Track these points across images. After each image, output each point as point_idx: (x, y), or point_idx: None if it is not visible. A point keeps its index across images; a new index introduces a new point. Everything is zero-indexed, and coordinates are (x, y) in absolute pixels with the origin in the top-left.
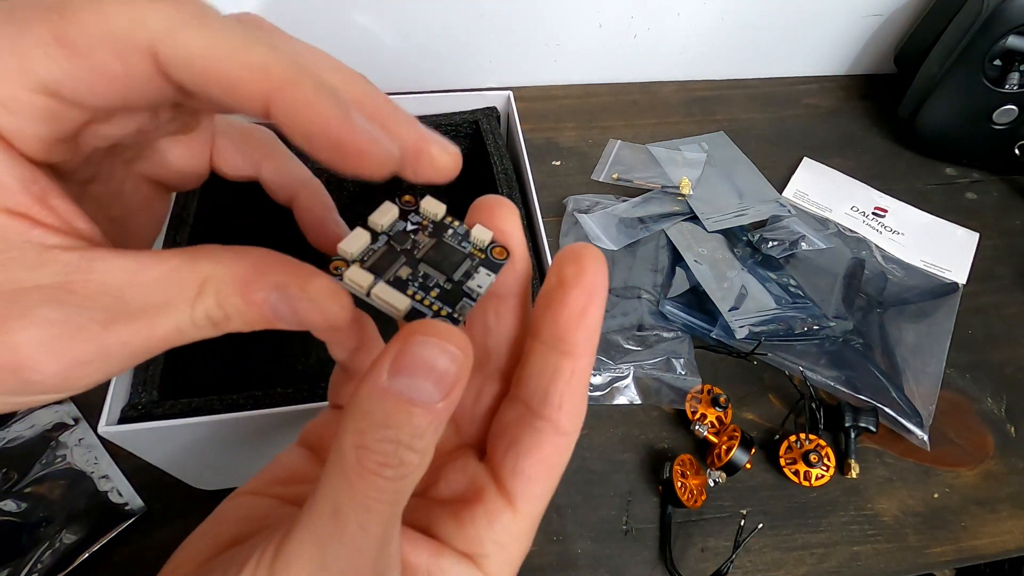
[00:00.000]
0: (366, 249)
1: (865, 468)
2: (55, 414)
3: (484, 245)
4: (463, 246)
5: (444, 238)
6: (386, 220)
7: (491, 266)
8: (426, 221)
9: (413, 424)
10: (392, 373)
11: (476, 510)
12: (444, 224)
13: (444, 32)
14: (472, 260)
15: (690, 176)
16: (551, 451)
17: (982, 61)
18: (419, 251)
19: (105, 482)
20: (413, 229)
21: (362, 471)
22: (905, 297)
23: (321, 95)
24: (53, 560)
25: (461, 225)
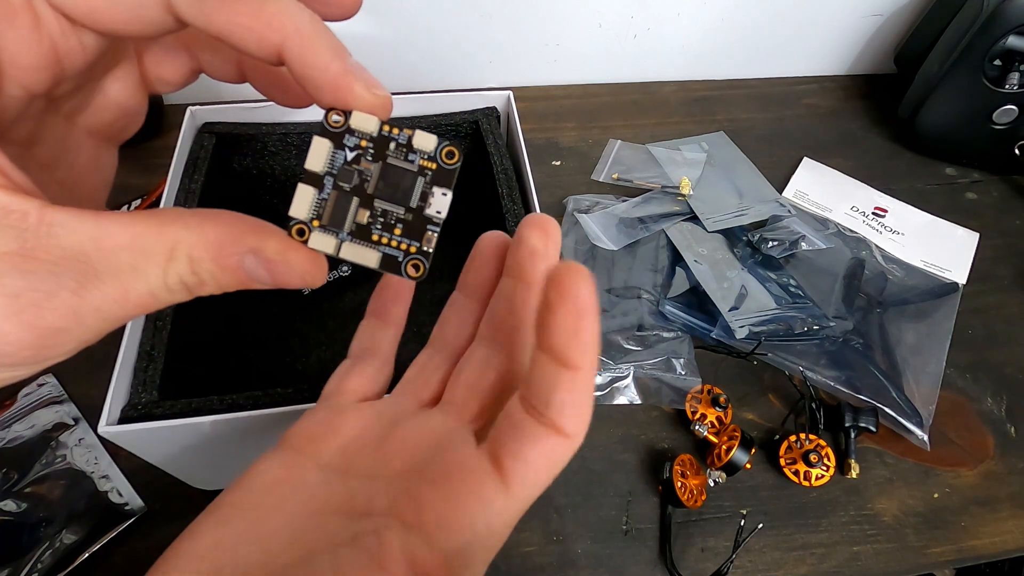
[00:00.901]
0: (316, 202)
1: (865, 468)
2: (55, 414)
3: (430, 151)
4: (411, 160)
5: (389, 158)
6: (322, 160)
7: (444, 178)
8: (364, 141)
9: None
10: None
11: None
12: (384, 138)
13: (444, 32)
14: (424, 176)
15: (690, 176)
16: (554, 445)
17: (982, 61)
18: (369, 184)
19: (105, 482)
20: (354, 157)
21: None
22: (905, 297)
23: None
24: (53, 560)
25: (401, 132)
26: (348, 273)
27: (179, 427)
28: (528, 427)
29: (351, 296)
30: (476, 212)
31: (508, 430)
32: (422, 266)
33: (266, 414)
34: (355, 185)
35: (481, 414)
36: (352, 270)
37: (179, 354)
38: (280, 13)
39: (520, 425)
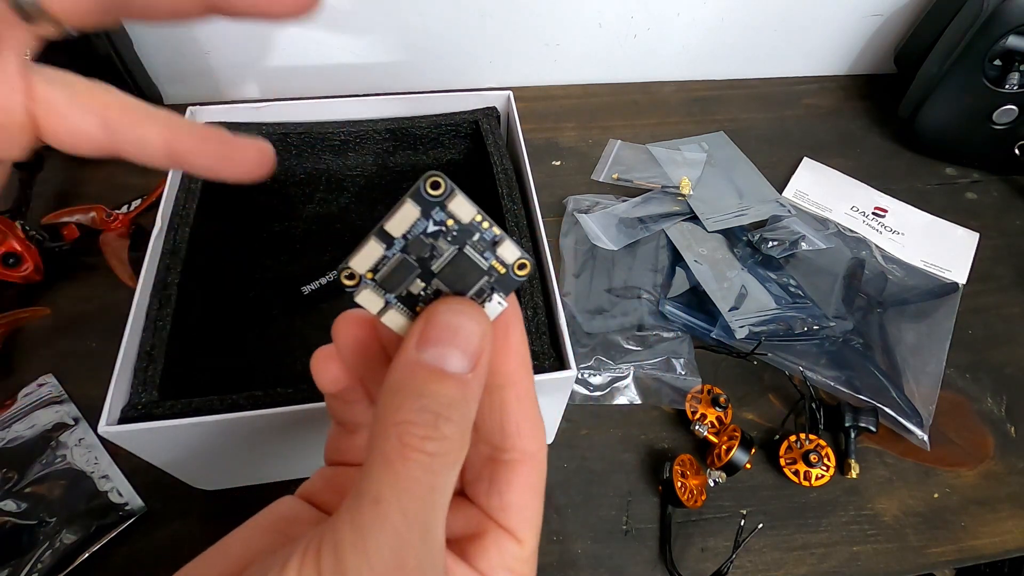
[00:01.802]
0: (380, 259)
1: (865, 468)
2: (55, 414)
3: (509, 263)
4: (486, 257)
5: (466, 247)
6: (404, 227)
7: (506, 285)
8: (451, 222)
9: (447, 394)
10: (420, 346)
11: (486, 543)
12: (471, 228)
13: (444, 32)
14: (490, 276)
15: (690, 176)
16: (527, 474)
17: (982, 61)
18: (436, 263)
19: (105, 482)
20: (434, 232)
21: (403, 449)
22: (905, 297)
23: None
24: (53, 560)
25: (490, 229)
26: None
27: (179, 427)
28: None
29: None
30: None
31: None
32: None
33: (266, 414)
34: (423, 257)
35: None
36: None
37: (179, 354)
38: None
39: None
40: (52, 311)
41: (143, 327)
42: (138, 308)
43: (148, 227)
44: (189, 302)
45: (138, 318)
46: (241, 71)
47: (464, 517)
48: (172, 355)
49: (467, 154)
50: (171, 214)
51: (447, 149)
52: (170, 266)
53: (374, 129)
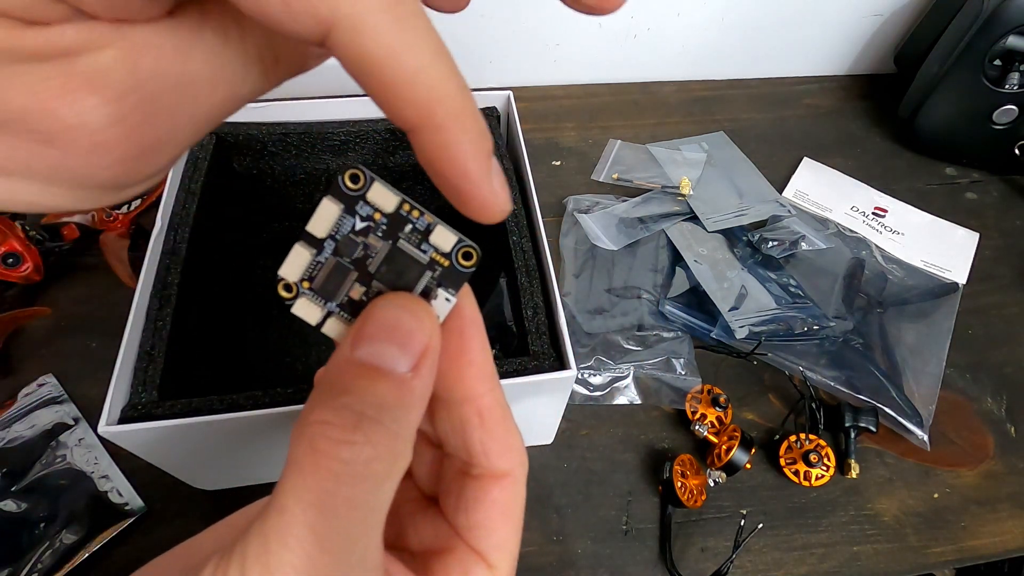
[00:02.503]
0: (310, 265)
1: (865, 468)
2: (55, 414)
3: (448, 249)
4: (423, 250)
5: (400, 240)
6: (326, 225)
7: (454, 279)
8: (378, 215)
9: (378, 392)
10: (355, 343)
11: (449, 564)
12: (400, 217)
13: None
14: (433, 271)
15: (690, 176)
16: (499, 494)
17: (982, 61)
18: (372, 262)
19: (105, 482)
20: (363, 228)
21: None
22: (905, 297)
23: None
24: (53, 560)
25: (421, 217)
26: None
27: (179, 427)
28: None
29: None
30: None
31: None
32: None
33: (266, 414)
34: (356, 258)
35: None
36: None
37: (179, 354)
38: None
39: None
40: (52, 311)
41: (143, 327)
42: (138, 308)
43: (148, 227)
44: (189, 302)
45: (138, 318)
46: None
47: (432, 529)
48: (172, 355)
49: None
50: (171, 214)
51: None
52: (170, 266)
53: (374, 129)
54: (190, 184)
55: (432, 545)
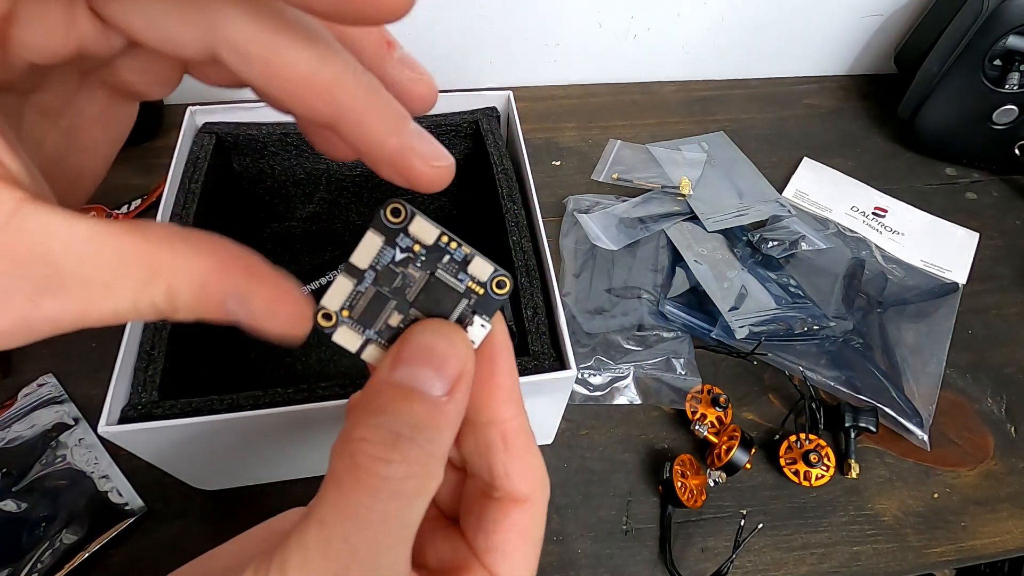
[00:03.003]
0: (351, 295)
1: (865, 468)
2: (55, 414)
3: (484, 280)
4: (460, 279)
5: (438, 271)
6: (369, 257)
7: (488, 307)
8: (417, 247)
9: (413, 413)
10: (393, 366)
11: None
12: (439, 248)
13: (444, 32)
14: (469, 299)
15: (690, 176)
16: (518, 518)
17: (982, 61)
18: (410, 291)
19: (105, 482)
20: (403, 259)
21: (355, 469)
22: (905, 297)
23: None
24: (53, 560)
25: (459, 249)
26: None
27: (179, 427)
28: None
29: None
30: (476, 212)
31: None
32: None
33: (266, 414)
34: (395, 287)
35: None
36: None
37: (179, 354)
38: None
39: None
40: None
41: (143, 327)
42: None
43: None
44: None
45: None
46: None
47: (450, 547)
48: (172, 355)
49: (467, 154)
50: (171, 214)
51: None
52: None
53: None
54: (190, 184)
55: (449, 563)
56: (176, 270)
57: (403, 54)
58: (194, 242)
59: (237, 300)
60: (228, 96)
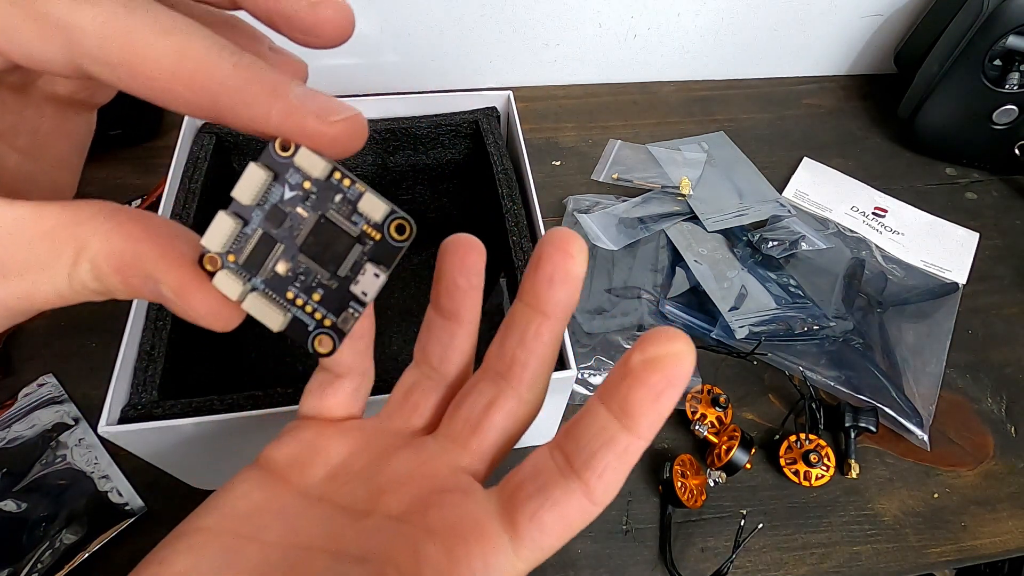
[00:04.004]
0: (234, 236)
1: (865, 468)
2: (55, 414)
3: (378, 219)
4: (353, 222)
5: (329, 212)
6: (253, 191)
7: (385, 254)
8: (307, 183)
9: None
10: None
11: (473, 545)
12: (331, 185)
13: (444, 32)
14: (363, 245)
15: (690, 176)
16: (576, 512)
17: (982, 61)
18: (299, 234)
19: (105, 482)
20: (291, 197)
21: None
22: (905, 297)
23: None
24: (53, 560)
25: (352, 186)
26: None
27: (179, 427)
28: (555, 487)
29: None
30: (476, 212)
31: (531, 486)
32: (333, 344)
33: (266, 414)
34: (284, 230)
35: (484, 455)
36: None
37: (179, 354)
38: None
39: (547, 484)
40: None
41: (143, 327)
42: (138, 308)
43: None
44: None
45: (138, 318)
46: None
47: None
48: (172, 355)
49: (467, 154)
50: (171, 214)
51: (447, 149)
52: None
53: (374, 129)
54: (190, 184)
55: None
56: (97, 247)
57: None
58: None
59: (153, 284)
60: None
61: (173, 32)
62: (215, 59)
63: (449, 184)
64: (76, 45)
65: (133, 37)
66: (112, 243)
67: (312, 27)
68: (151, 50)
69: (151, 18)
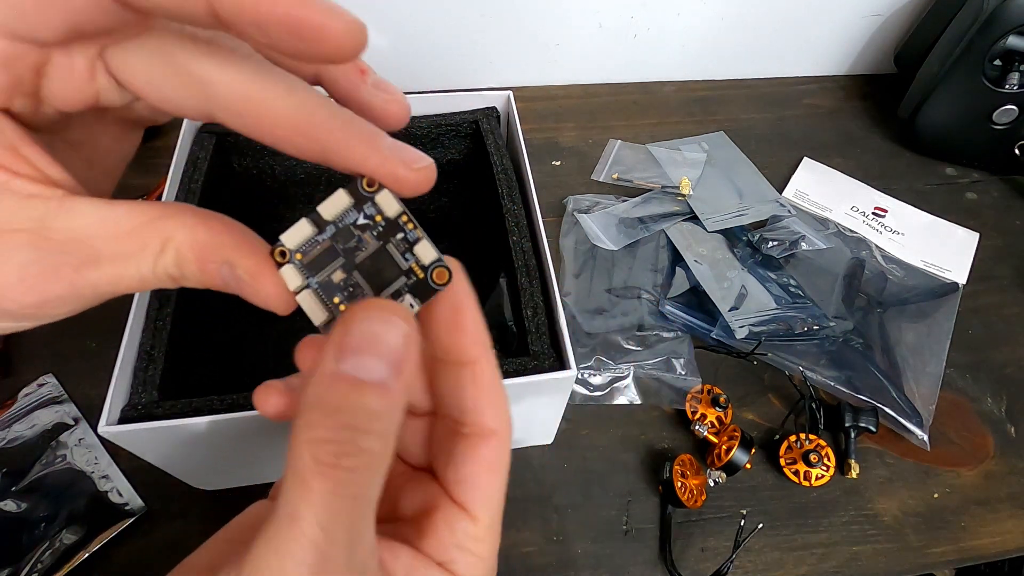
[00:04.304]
0: (308, 241)
1: (865, 468)
2: (55, 414)
3: (426, 263)
4: (406, 258)
5: (389, 244)
6: (335, 211)
7: (423, 292)
8: (379, 217)
9: (368, 405)
10: (339, 356)
11: (436, 520)
12: (396, 225)
13: (444, 32)
14: (407, 279)
15: (690, 176)
16: (486, 451)
17: (982, 61)
18: (359, 255)
19: (105, 482)
20: (363, 224)
21: (318, 467)
22: (905, 297)
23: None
24: (53, 560)
25: (414, 231)
26: None
27: (179, 427)
28: (457, 448)
29: None
30: (476, 212)
31: (443, 460)
32: None
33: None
34: (348, 247)
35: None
36: None
37: (179, 354)
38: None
39: (451, 450)
40: None
41: (143, 327)
42: (138, 308)
43: None
44: (189, 302)
45: (138, 318)
46: None
47: (422, 493)
48: (172, 355)
49: (467, 154)
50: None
51: (447, 149)
52: None
53: None
54: (190, 184)
55: (421, 508)
56: (182, 238)
57: (376, 79)
58: (202, 216)
59: (229, 268)
60: None
61: (295, 93)
62: (326, 116)
63: (449, 184)
64: (213, 99)
65: (264, 95)
66: (196, 234)
67: (380, 116)
68: (277, 107)
69: (278, 81)
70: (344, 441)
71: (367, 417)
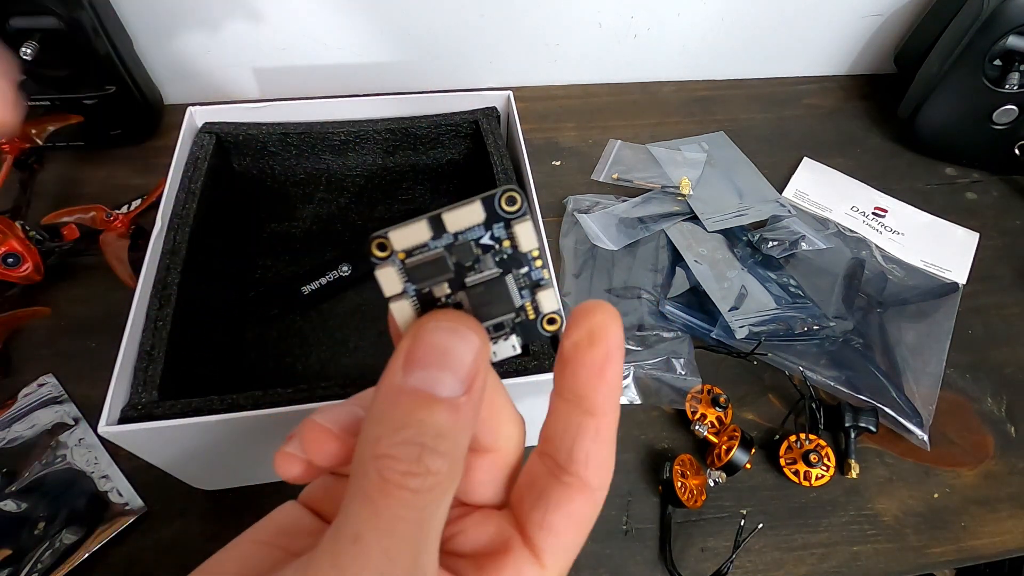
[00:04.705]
0: (420, 244)
1: (865, 468)
2: (55, 414)
3: (545, 310)
4: (522, 295)
5: (509, 276)
6: (460, 223)
7: (529, 334)
8: (507, 243)
9: (435, 422)
10: (406, 369)
11: (501, 563)
12: (526, 258)
13: (444, 32)
14: (517, 316)
15: (690, 176)
16: (580, 505)
17: (982, 61)
18: (472, 275)
19: (105, 482)
20: (487, 245)
21: (384, 485)
22: (905, 297)
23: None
24: (53, 560)
25: (540, 270)
26: (348, 273)
27: (179, 427)
28: (552, 490)
29: (351, 296)
30: None
31: (531, 496)
32: None
33: (266, 414)
34: (462, 264)
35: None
36: (352, 270)
37: (179, 354)
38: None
39: (544, 489)
40: (52, 311)
41: (143, 327)
42: (138, 308)
43: (148, 227)
44: (189, 302)
45: (138, 318)
46: (241, 71)
47: (487, 528)
48: (172, 355)
49: (467, 154)
50: (171, 214)
51: (447, 149)
52: (170, 266)
53: (374, 129)
54: (190, 184)
55: (484, 546)
56: None
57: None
58: None
59: None
60: (228, 96)
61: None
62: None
63: (449, 184)
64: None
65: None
66: None
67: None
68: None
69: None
70: (411, 459)
71: (435, 435)
